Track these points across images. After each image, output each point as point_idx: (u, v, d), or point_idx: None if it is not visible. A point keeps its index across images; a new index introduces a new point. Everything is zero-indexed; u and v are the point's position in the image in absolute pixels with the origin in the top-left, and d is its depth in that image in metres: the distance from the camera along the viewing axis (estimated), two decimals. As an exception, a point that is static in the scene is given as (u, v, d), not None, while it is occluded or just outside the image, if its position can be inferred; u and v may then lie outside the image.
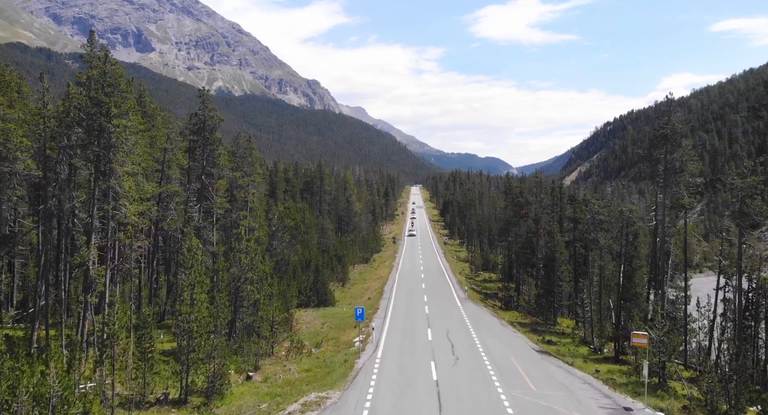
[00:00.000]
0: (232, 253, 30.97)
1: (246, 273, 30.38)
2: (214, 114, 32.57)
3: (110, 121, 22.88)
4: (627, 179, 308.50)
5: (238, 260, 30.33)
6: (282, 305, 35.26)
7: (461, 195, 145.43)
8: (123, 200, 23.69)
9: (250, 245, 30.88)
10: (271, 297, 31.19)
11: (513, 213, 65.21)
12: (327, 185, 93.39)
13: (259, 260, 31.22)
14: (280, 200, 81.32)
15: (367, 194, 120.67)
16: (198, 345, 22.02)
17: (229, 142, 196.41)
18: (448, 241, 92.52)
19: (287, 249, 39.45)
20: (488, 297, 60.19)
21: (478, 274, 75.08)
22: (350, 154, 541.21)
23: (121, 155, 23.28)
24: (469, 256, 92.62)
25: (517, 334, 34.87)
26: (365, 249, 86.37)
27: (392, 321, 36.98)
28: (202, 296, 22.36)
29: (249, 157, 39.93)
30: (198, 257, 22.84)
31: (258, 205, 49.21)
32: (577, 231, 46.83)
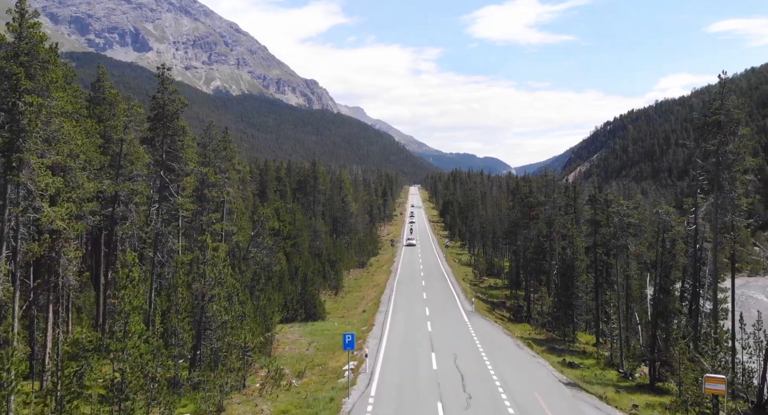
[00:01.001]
0: (195, 264, 25.64)
1: (211, 289, 25.03)
2: (176, 97, 27.19)
3: (20, 97, 17.57)
4: (628, 179, 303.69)
5: (203, 273, 24.97)
6: (259, 324, 29.89)
7: (462, 195, 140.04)
8: (39, 201, 18.32)
9: (217, 255, 25.51)
10: (242, 318, 25.80)
11: (521, 214, 59.86)
12: (321, 185, 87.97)
13: (228, 273, 25.84)
14: (271, 200, 75.95)
15: (365, 194, 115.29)
16: (132, 390, 16.69)
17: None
18: (449, 243, 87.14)
19: (268, 257, 34.15)
20: (495, 307, 54.90)
21: (482, 279, 69.74)
22: (348, 154, 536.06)
23: (33, 143, 17.92)
24: (471, 259, 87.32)
25: (536, 359, 29.52)
26: (361, 252, 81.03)
27: (389, 342, 31.62)
28: (138, 327, 17.01)
29: (223, 151, 34.57)
30: (134, 275, 17.48)
31: (240, 206, 43.76)
32: (599, 235, 41.50)
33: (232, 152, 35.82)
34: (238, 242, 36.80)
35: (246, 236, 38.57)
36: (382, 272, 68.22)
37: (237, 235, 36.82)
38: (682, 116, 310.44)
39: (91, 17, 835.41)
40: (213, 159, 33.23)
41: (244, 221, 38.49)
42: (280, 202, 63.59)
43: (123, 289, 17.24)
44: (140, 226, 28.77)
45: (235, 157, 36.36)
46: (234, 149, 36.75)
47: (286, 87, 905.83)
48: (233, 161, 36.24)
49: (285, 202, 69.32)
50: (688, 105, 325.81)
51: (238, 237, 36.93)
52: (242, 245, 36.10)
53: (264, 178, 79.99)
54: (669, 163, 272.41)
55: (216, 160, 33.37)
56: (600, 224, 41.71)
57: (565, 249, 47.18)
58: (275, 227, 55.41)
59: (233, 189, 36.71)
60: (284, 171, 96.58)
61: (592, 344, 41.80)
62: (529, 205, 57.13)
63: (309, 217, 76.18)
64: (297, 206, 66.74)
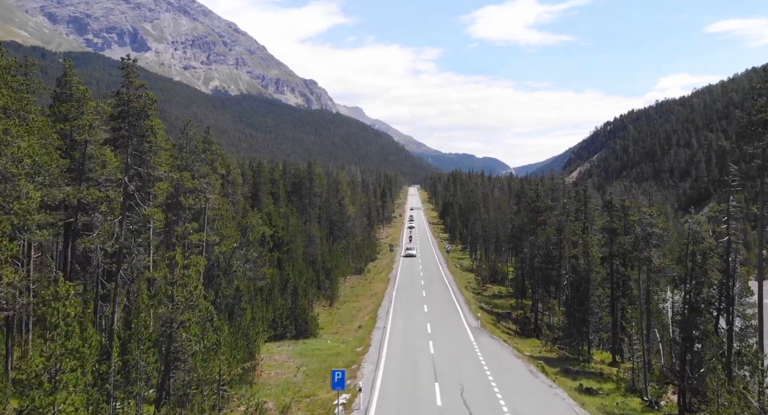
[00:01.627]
0: (162, 285, 22.25)
1: (181, 314, 21.63)
2: (143, 92, 23.76)
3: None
4: (629, 180, 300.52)
5: (170, 295, 21.56)
6: (241, 350, 26.46)
7: (462, 197, 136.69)
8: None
9: (187, 274, 22.11)
10: (216, 348, 22.37)
11: (528, 220, 56.51)
12: (317, 187, 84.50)
13: (200, 294, 22.42)
14: (264, 204, 72.52)
15: (362, 196, 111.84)
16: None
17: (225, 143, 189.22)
18: (450, 248, 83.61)
19: (252, 271, 30.72)
20: (500, 318, 51.52)
21: (485, 287, 66.35)
22: (347, 154, 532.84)
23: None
24: (473, 264, 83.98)
25: (553, 389, 26.09)
26: (359, 258, 77.62)
27: (387, 368, 28.19)
28: (70, 377, 13.59)
29: (203, 154, 31.12)
30: (69, 310, 14.07)
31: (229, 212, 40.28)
32: (615, 244, 38.11)
33: (213, 155, 32.39)
34: (222, 253, 33.36)
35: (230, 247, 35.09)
36: (381, 279, 64.80)
37: (220, 245, 33.35)
38: (683, 116, 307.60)
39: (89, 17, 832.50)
40: (190, 162, 29.78)
41: (231, 228, 35.07)
42: (272, 207, 60.18)
43: (54, 328, 13.84)
44: (105, 239, 25.34)
45: (217, 160, 32.92)
46: (217, 151, 33.31)
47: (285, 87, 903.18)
48: (215, 164, 32.79)
49: (278, 205, 65.91)
50: (689, 105, 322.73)
51: (221, 247, 33.47)
52: (227, 256, 32.67)
53: (257, 180, 76.54)
54: (670, 164, 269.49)
55: (194, 164, 29.91)
56: (617, 233, 38.34)
57: (576, 258, 43.82)
58: (266, 234, 52.03)
59: (215, 195, 33.28)
60: (279, 172, 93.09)
61: (609, 363, 38.45)
62: (536, 210, 53.78)
63: (304, 221, 72.82)
64: (290, 210, 63.32)
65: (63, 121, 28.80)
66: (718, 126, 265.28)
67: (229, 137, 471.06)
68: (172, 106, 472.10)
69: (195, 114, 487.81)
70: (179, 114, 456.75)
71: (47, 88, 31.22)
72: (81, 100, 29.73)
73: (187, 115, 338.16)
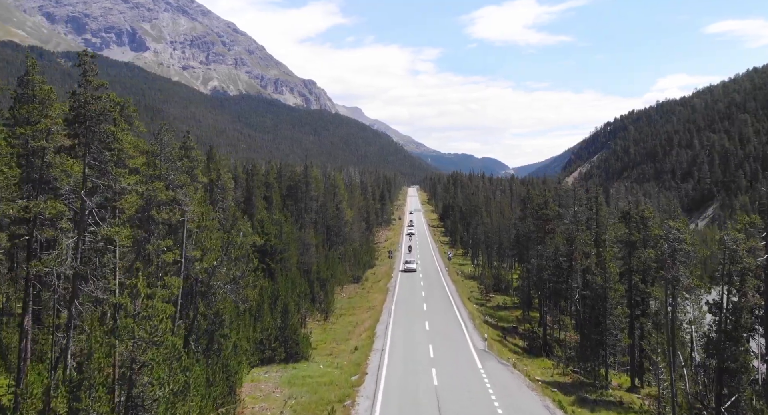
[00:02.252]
0: (120, 319, 19.08)
1: (143, 353, 18.45)
2: (102, 93, 20.61)
3: None
4: (630, 181, 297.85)
5: (130, 331, 18.36)
6: (219, 385, 23.26)
7: (463, 199, 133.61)
8: None
9: (152, 305, 18.92)
10: (184, 392, 19.16)
11: (535, 227, 53.34)
12: (314, 191, 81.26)
13: (167, 329, 19.23)
14: (257, 209, 69.32)
15: (361, 200, 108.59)
16: None
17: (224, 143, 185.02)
18: (451, 255, 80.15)
19: (234, 292, 27.46)
20: (506, 333, 48.35)
21: (489, 297, 63.16)
22: (346, 155, 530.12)
23: None
24: (475, 271, 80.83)
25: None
26: (356, 265, 74.39)
27: (385, 405, 24.98)
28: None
29: (180, 161, 27.85)
30: None
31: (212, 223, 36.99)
32: (634, 259, 34.93)
33: (193, 161, 29.17)
34: (203, 269, 30.08)
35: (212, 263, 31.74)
36: (379, 289, 61.58)
37: (202, 261, 30.07)
38: (684, 117, 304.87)
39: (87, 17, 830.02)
40: (164, 172, 26.53)
41: (215, 240, 31.82)
42: (264, 213, 56.94)
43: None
44: (62, 261, 22.14)
45: (197, 167, 29.70)
46: (197, 158, 30.09)
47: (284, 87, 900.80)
48: (195, 172, 29.58)
49: (272, 211, 62.65)
50: (690, 105, 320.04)
51: (203, 263, 30.19)
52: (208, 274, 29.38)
53: (250, 184, 73.28)
54: (672, 165, 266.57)
55: (169, 173, 26.65)
56: (635, 246, 35.17)
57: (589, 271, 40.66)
58: (257, 243, 48.83)
59: (195, 205, 30.03)
60: (274, 175, 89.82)
61: (627, 389, 35.30)
62: (544, 218, 50.59)
63: (299, 226, 69.59)
64: (284, 217, 60.08)
65: (24, 124, 25.63)
66: (720, 126, 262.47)
67: (228, 137, 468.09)
68: (171, 107, 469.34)
69: (193, 114, 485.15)
70: (178, 114, 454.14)
71: (6, 87, 28.09)
72: (45, 101, 26.50)
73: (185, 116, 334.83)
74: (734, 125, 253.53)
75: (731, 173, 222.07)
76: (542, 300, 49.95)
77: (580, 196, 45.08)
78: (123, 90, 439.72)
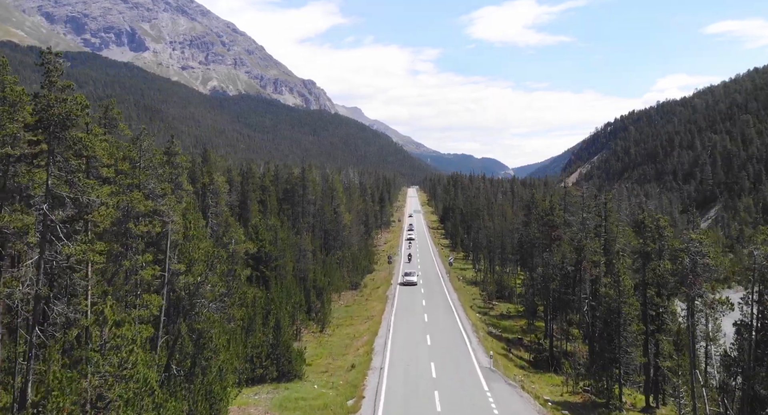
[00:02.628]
0: (84, 350, 16.92)
1: (109, 389, 16.33)
2: (70, 95, 18.50)
3: None
4: (631, 181, 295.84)
5: (95, 364, 16.23)
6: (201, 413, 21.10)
7: (463, 201, 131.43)
8: None
9: (120, 334, 16.79)
10: (157, 433, 17.02)
11: (540, 234, 51.19)
12: (311, 194, 79.13)
13: (138, 360, 17.08)
14: (252, 214, 67.22)
15: (360, 203, 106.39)
16: None
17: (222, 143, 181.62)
18: (453, 260, 77.82)
19: (219, 311, 25.21)
20: (511, 345, 46.25)
21: (492, 305, 61.04)
22: (346, 155, 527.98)
23: None
24: (477, 276, 78.73)
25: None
26: (355, 270, 72.21)
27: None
28: None
29: (163, 168, 25.64)
30: None
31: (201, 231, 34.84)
32: (649, 271, 32.79)
33: (177, 168, 27.03)
34: (189, 284, 27.91)
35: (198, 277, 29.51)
36: (378, 297, 59.41)
37: (187, 274, 27.90)
38: (685, 117, 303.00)
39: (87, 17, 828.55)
40: (144, 180, 24.35)
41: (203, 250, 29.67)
42: (259, 219, 54.78)
43: None
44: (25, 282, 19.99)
45: (182, 174, 27.54)
46: (184, 164, 27.93)
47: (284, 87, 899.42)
48: (180, 180, 27.42)
49: (266, 217, 60.48)
50: (691, 106, 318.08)
51: (189, 277, 28.02)
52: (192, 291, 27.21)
53: (245, 187, 71.10)
54: (673, 166, 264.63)
55: (149, 182, 24.47)
56: (650, 257, 33.03)
57: (598, 281, 38.61)
58: (249, 251, 46.73)
59: (180, 214, 27.88)
60: (270, 178, 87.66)
61: (641, 409, 33.15)
62: (550, 224, 48.43)
63: (296, 231, 67.44)
64: (279, 222, 57.91)
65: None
66: (722, 127, 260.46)
67: (227, 138, 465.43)
68: (170, 107, 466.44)
69: (192, 114, 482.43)
70: (177, 114, 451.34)
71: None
72: (16, 103, 24.37)
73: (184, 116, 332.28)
74: (736, 126, 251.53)
75: (734, 175, 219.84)
76: (548, 310, 47.85)
77: (588, 203, 42.84)
78: (122, 90, 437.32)
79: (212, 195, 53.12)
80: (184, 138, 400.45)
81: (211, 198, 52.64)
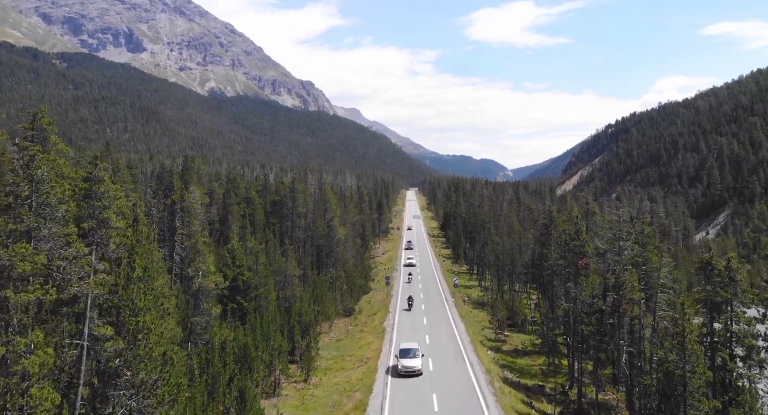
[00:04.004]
0: None
1: None
2: None
3: None
4: (634, 184, 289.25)
5: None
6: None
7: (466, 209, 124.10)
8: None
9: None
10: None
11: (564, 261, 43.92)
12: (301, 207, 71.89)
13: None
14: (233, 232, 59.95)
15: (356, 213, 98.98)
16: None
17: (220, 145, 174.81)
18: (458, 282, 69.70)
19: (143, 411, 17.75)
20: (530, 393, 38.99)
21: (504, 336, 53.69)
22: (344, 157, 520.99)
23: None
24: (484, 296, 71.46)
25: None
26: (349, 293, 64.86)
27: None
28: None
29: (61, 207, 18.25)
30: None
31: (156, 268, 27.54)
32: (720, 325, 25.59)
33: (101, 200, 19.77)
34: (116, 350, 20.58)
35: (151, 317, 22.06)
36: (374, 329, 52.06)
37: (116, 339, 20.63)
38: (688, 119, 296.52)
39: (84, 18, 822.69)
40: (34, 225, 17.02)
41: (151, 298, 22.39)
42: (236, 242, 47.40)
43: None
44: None
45: (109, 210, 20.29)
46: (112, 194, 20.67)
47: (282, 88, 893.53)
48: (105, 215, 20.17)
49: (253, 233, 53.11)
50: (694, 107, 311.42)
51: (117, 342, 20.72)
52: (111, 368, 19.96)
53: (227, 201, 63.74)
54: (678, 169, 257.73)
55: (43, 227, 17.16)
56: (721, 307, 25.82)
57: (639, 322, 31.48)
58: (219, 284, 39.42)
59: (106, 263, 20.63)
60: (257, 187, 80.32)
61: None
62: (575, 251, 41.10)
63: (283, 251, 60.11)
64: (261, 245, 50.57)
65: None
66: (727, 129, 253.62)
67: (224, 139, 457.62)
68: (166, 108, 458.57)
69: (189, 116, 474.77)
70: (173, 116, 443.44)
71: None
72: None
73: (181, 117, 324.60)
74: (742, 128, 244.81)
75: (744, 179, 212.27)
76: (573, 352, 40.57)
77: (624, 228, 35.46)
78: (118, 91, 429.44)
79: (184, 213, 45.90)
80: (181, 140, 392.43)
81: (182, 219, 45.43)
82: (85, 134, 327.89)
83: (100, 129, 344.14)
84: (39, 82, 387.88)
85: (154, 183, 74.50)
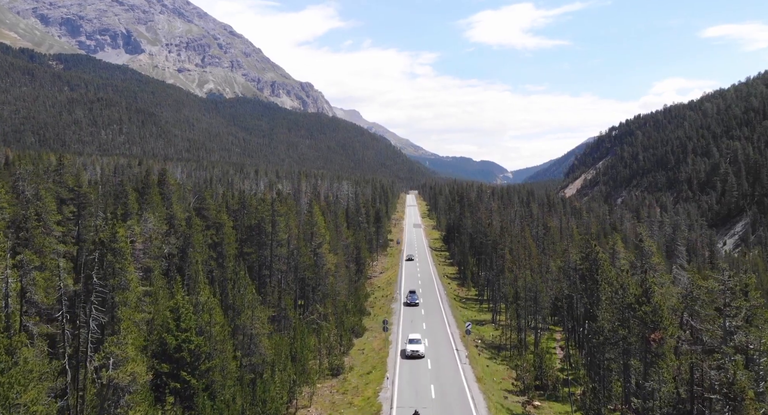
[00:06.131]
0: None
1: None
2: None
3: None
4: (640, 189, 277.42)
5: None
6: None
7: (472, 223, 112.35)
8: None
9: None
10: None
11: (624, 330, 32.21)
12: (283, 232, 60.21)
13: None
14: (194, 268, 48.34)
15: (349, 234, 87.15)
16: None
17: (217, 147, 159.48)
18: (470, 328, 57.14)
19: None
20: None
21: (532, 406, 42.06)
22: (343, 159, 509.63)
23: None
24: (500, 338, 60.00)
25: None
26: (339, 341, 53.18)
27: None
28: None
29: None
30: None
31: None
32: None
33: None
34: None
35: None
36: (365, 400, 40.41)
37: None
38: (696, 122, 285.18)
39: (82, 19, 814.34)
40: None
41: None
42: (180, 297, 35.63)
43: None
44: None
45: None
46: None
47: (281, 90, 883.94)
48: None
49: (199, 284, 41.28)
50: (701, 110, 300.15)
51: None
52: None
53: (188, 231, 51.90)
54: (688, 174, 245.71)
55: None
56: None
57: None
58: (139, 377, 27.73)
59: None
60: (236, 206, 68.62)
61: None
62: (643, 319, 29.42)
63: (259, 284, 48.47)
64: (216, 301, 38.75)
65: None
66: (739, 133, 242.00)
67: (221, 141, 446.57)
68: (164, 110, 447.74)
69: (187, 117, 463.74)
70: (170, 118, 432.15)
71: None
72: None
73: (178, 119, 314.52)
74: (755, 132, 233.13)
75: (763, 186, 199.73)
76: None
77: (735, 301, 23.88)
78: (114, 93, 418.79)
79: (116, 257, 34.42)
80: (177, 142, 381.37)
81: (112, 267, 33.91)
82: (79, 136, 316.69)
83: (95, 131, 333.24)
84: (34, 83, 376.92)
85: (111, 203, 62.81)
